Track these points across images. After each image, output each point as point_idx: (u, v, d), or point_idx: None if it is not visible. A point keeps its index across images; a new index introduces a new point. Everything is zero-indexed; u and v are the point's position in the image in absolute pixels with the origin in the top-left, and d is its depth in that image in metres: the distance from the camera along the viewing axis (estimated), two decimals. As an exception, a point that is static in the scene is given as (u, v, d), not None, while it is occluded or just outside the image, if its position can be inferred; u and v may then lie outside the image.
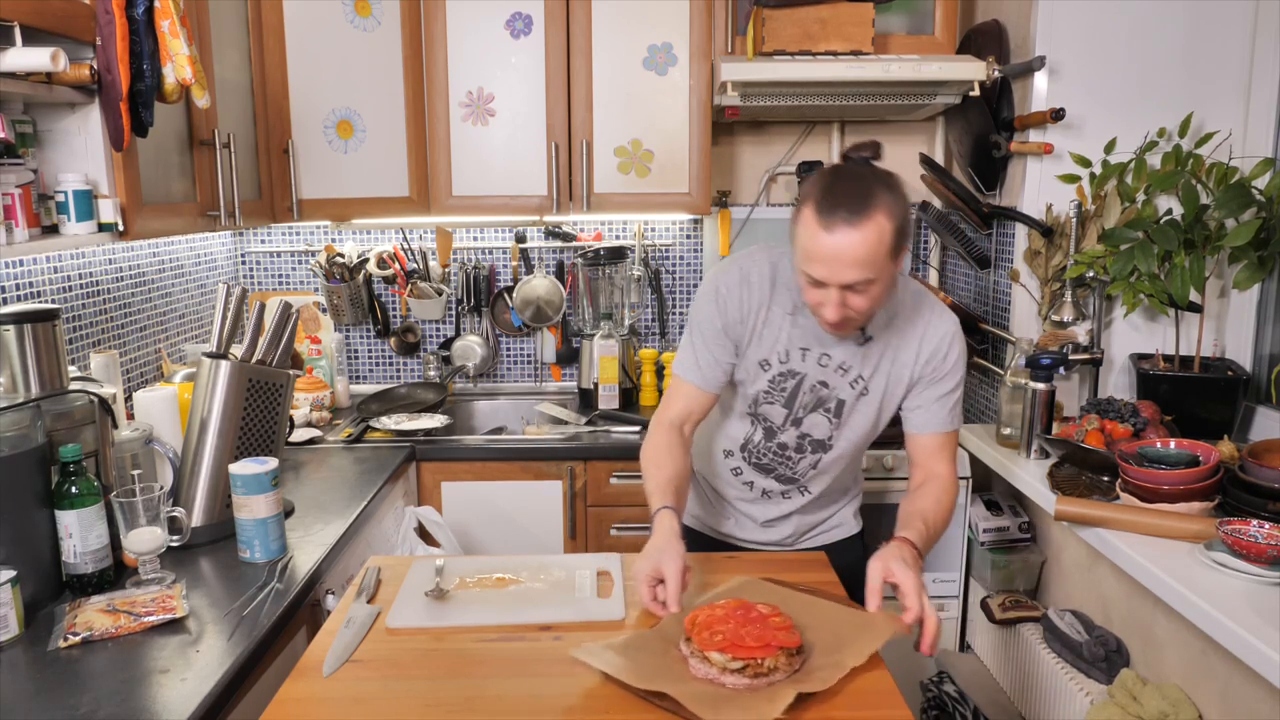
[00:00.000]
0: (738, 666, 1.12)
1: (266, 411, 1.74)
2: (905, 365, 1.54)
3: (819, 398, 1.56)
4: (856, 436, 1.59)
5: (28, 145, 1.62)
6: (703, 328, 1.55)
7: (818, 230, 1.32)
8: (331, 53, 2.46)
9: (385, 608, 1.36)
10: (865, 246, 1.31)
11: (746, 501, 1.69)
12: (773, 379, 1.55)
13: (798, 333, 1.53)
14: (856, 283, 1.34)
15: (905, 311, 1.54)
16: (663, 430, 1.56)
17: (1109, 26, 2.21)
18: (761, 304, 1.53)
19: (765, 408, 1.58)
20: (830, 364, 1.54)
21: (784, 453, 1.61)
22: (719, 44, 2.51)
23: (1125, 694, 1.72)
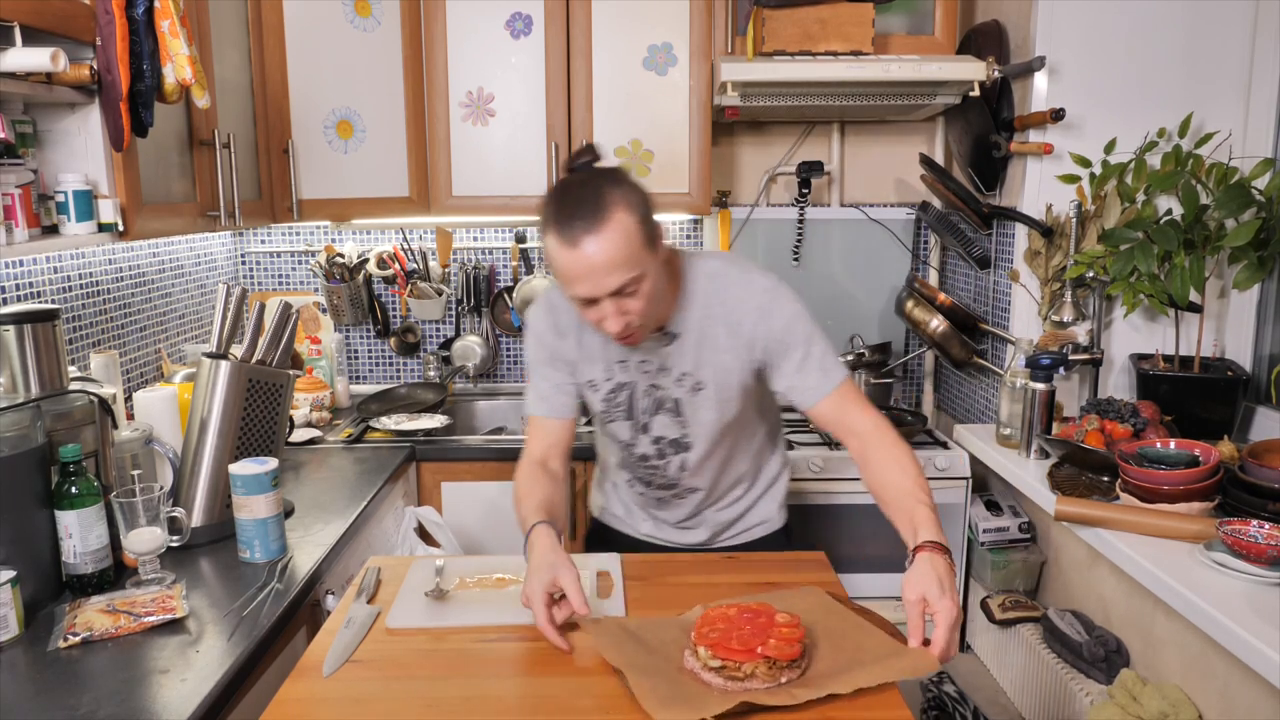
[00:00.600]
0: (716, 665, 1.12)
1: (266, 411, 1.74)
2: (727, 349, 1.48)
3: (656, 400, 1.53)
4: (709, 430, 1.53)
5: (28, 145, 1.62)
6: (533, 363, 1.56)
7: (564, 250, 1.29)
8: (331, 53, 2.46)
9: (385, 608, 1.36)
10: (615, 248, 1.28)
11: (652, 507, 1.68)
12: (605, 396, 1.54)
13: (612, 347, 1.50)
14: (623, 286, 1.30)
15: (708, 297, 1.47)
16: (525, 468, 1.53)
17: (1109, 26, 2.21)
18: (571, 326, 1.52)
19: (611, 426, 1.57)
20: (651, 367, 1.51)
21: (648, 463, 1.59)
22: (719, 44, 2.51)
23: (1125, 694, 1.72)
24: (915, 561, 1.25)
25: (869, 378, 2.79)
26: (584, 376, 1.55)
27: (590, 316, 1.37)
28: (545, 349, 1.55)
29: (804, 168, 2.72)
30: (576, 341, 1.53)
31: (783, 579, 1.45)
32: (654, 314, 1.40)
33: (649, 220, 1.33)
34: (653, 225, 1.35)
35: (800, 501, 2.39)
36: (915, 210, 2.85)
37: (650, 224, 1.34)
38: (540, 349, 1.56)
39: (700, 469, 1.59)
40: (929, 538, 1.28)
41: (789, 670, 1.12)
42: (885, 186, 2.93)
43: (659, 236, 1.36)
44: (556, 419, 1.56)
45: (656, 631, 1.26)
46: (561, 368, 1.55)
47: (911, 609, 1.19)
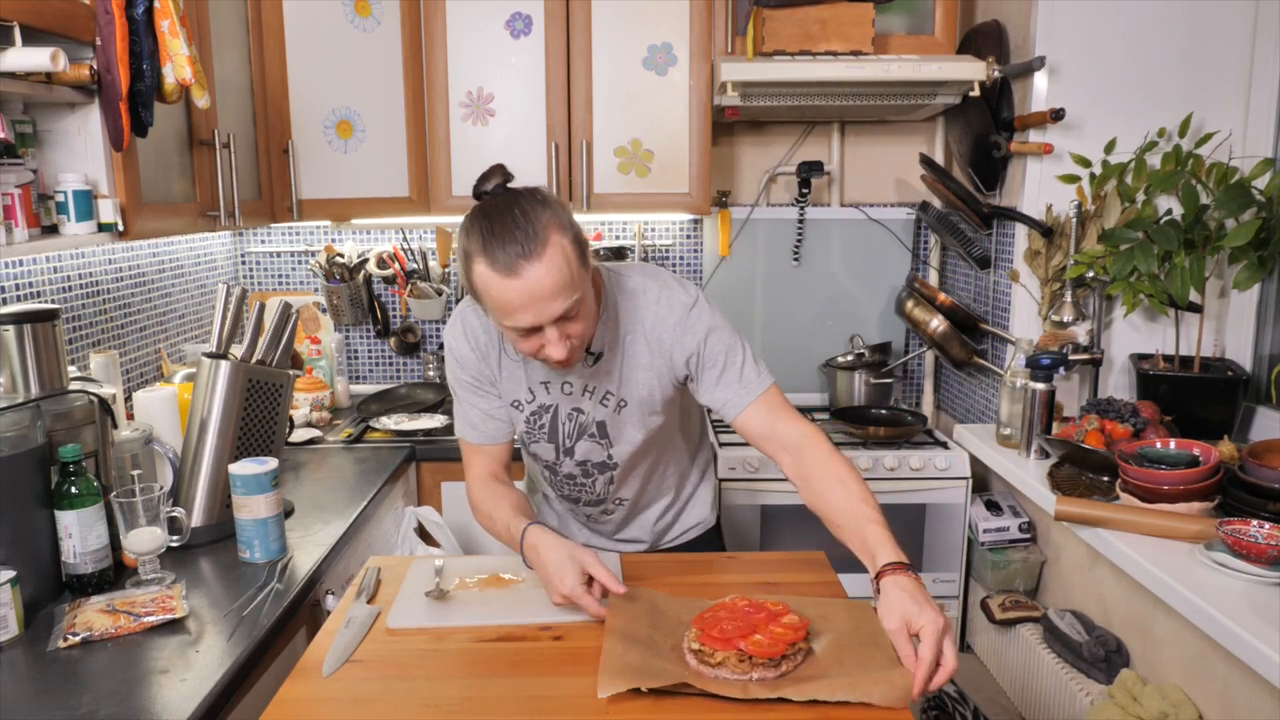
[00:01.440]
0: (695, 648, 1.15)
1: (266, 411, 1.74)
2: (648, 367, 1.45)
3: (579, 425, 1.50)
4: (633, 447, 1.52)
5: (28, 145, 1.62)
6: (458, 388, 1.52)
7: (502, 280, 1.22)
8: (331, 53, 2.46)
9: (385, 608, 1.36)
10: (558, 272, 1.22)
11: (584, 521, 1.69)
12: (528, 419, 1.52)
13: (533, 368, 1.47)
14: (567, 310, 1.26)
15: (628, 314, 1.44)
16: (476, 487, 1.52)
17: (1109, 26, 2.21)
18: (490, 346, 1.48)
19: (535, 447, 1.55)
20: (574, 389, 1.48)
21: (574, 482, 1.58)
22: (719, 44, 2.51)
23: (1125, 694, 1.72)
24: (882, 589, 1.21)
25: (869, 378, 2.79)
26: (507, 398, 1.52)
27: (527, 347, 1.30)
28: (468, 371, 1.50)
29: (804, 168, 2.72)
30: (497, 363, 1.49)
31: (783, 579, 1.45)
32: (590, 335, 1.36)
33: (580, 238, 1.28)
34: (583, 243, 1.30)
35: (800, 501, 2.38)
36: (915, 210, 2.85)
37: (582, 242, 1.29)
38: (462, 372, 1.51)
39: (625, 483, 1.59)
40: (888, 559, 1.23)
41: (764, 668, 1.12)
42: (885, 186, 2.93)
43: (589, 253, 1.32)
44: (491, 444, 1.54)
45: (677, 609, 1.29)
46: (487, 391, 1.51)
47: (897, 637, 1.15)
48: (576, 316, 1.28)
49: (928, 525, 2.41)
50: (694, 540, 1.73)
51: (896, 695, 1.08)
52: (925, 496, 2.40)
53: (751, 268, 2.92)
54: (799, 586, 1.42)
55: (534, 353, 1.31)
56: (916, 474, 2.39)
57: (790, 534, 2.40)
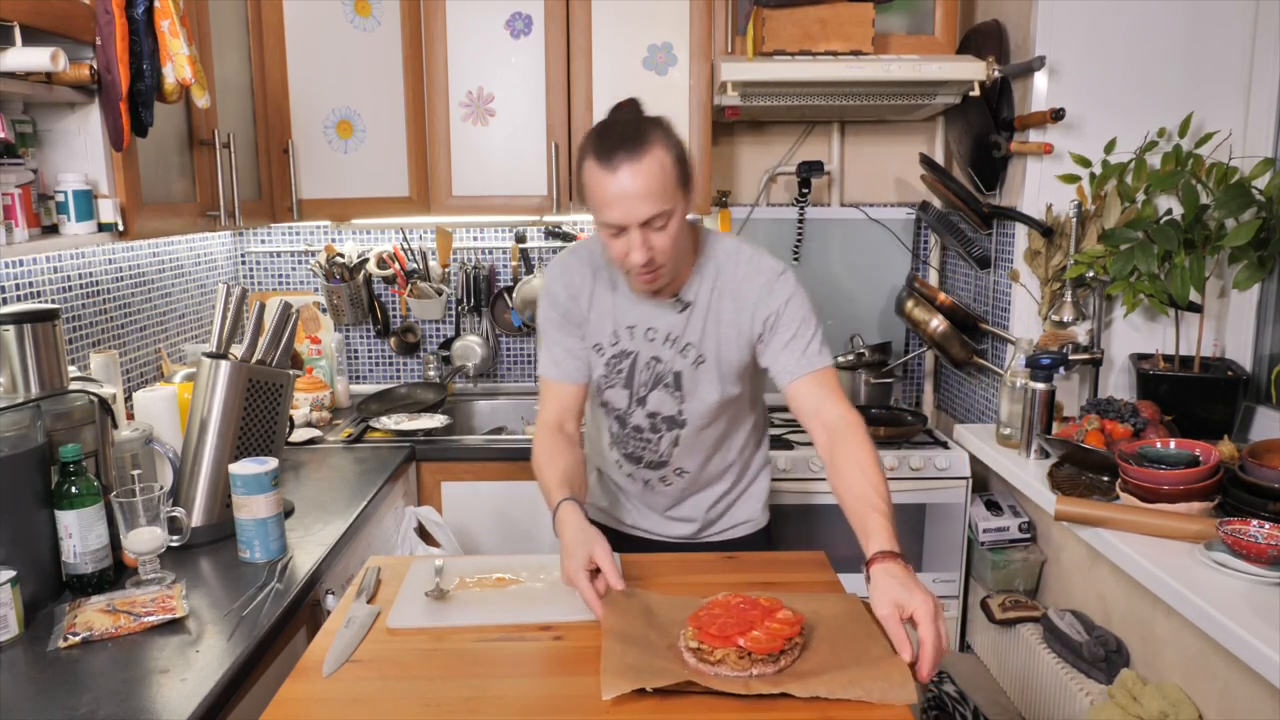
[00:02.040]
0: (694, 646, 1.15)
1: (266, 411, 1.74)
2: (731, 324, 1.52)
3: (656, 374, 1.57)
4: (706, 407, 1.57)
5: (28, 145, 1.62)
6: (546, 326, 1.61)
7: (603, 175, 1.36)
8: (331, 53, 2.46)
9: (385, 608, 1.36)
10: (651, 176, 1.35)
11: (639, 492, 1.70)
12: (608, 362, 1.58)
13: (622, 311, 1.56)
14: (653, 217, 1.37)
15: (723, 271, 1.54)
16: (543, 433, 1.58)
17: (1109, 26, 2.21)
18: (584, 286, 1.57)
19: (608, 393, 1.61)
20: (657, 337, 1.55)
21: (640, 435, 1.62)
22: (719, 44, 2.51)
23: (1125, 694, 1.72)
24: (871, 576, 1.23)
25: (869, 378, 2.79)
26: (590, 340, 1.59)
27: (615, 250, 1.42)
28: (558, 309, 1.59)
29: (804, 168, 2.72)
30: (589, 301, 1.58)
31: (783, 579, 1.45)
32: (675, 261, 1.45)
33: (684, 164, 1.41)
34: (686, 172, 1.42)
35: (800, 501, 2.39)
36: (915, 210, 2.85)
37: (684, 168, 1.41)
38: (553, 309, 1.59)
39: (691, 448, 1.62)
40: (880, 548, 1.25)
41: (763, 664, 1.13)
42: (885, 186, 2.93)
43: (690, 186, 1.43)
44: (569, 384, 1.60)
45: (670, 609, 1.29)
46: (572, 331, 1.59)
47: (889, 622, 1.16)
48: (663, 229, 1.39)
49: (928, 525, 2.41)
50: (742, 539, 1.73)
51: (897, 693, 1.08)
52: (925, 496, 2.40)
53: (751, 268, 2.92)
54: (799, 586, 1.42)
55: (621, 258, 1.42)
56: (916, 474, 2.39)
57: (790, 534, 2.40)
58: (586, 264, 1.58)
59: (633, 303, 1.56)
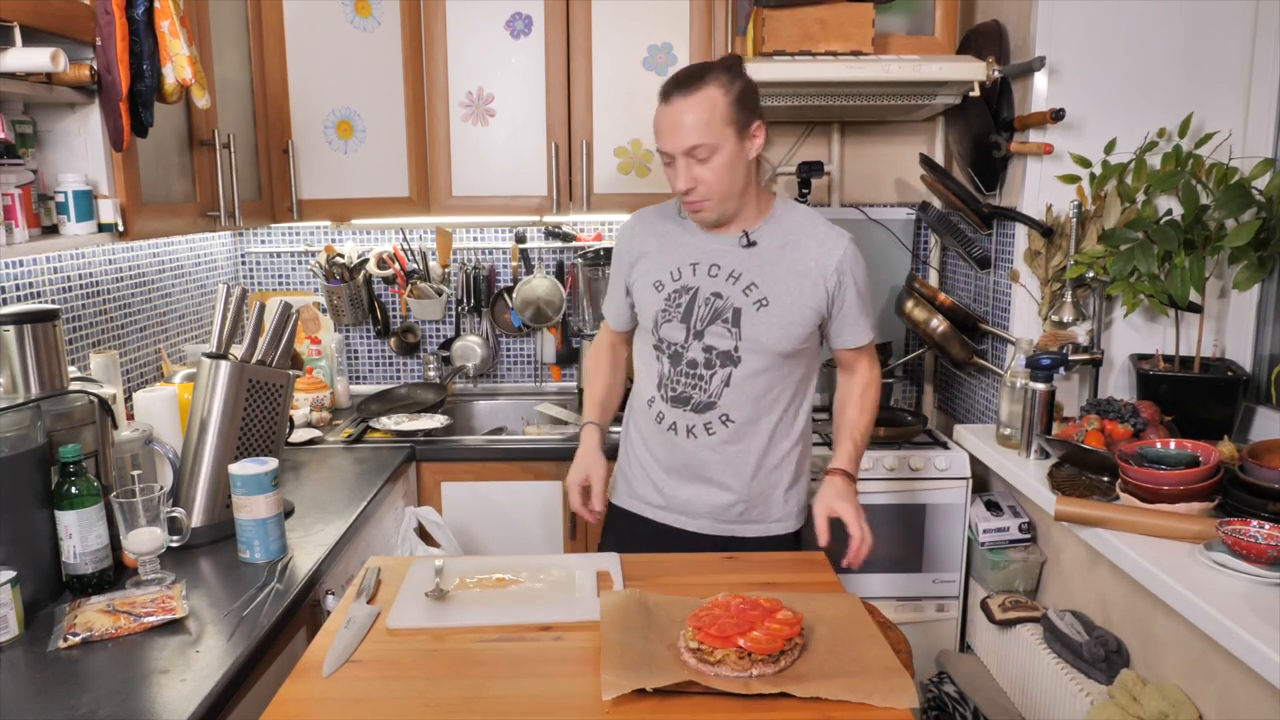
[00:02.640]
0: (694, 646, 1.16)
1: (266, 412, 1.74)
2: (803, 274, 1.64)
3: (715, 309, 1.65)
4: (763, 349, 1.64)
5: (28, 145, 1.62)
6: (613, 276, 1.82)
7: (661, 108, 1.56)
8: (331, 53, 2.46)
9: (385, 608, 1.36)
10: (700, 110, 1.51)
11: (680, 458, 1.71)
12: (668, 297, 1.68)
13: (685, 249, 1.68)
14: (696, 148, 1.53)
15: (801, 228, 1.67)
16: (598, 347, 1.89)
17: (1109, 26, 2.21)
18: (654, 225, 1.74)
19: (665, 328, 1.68)
20: (720, 274, 1.65)
21: (694, 371, 1.67)
22: (719, 44, 2.51)
23: (1125, 694, 1.72)
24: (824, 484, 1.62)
25: (869, 378, 2.79)
26: (652, 276, 1.70)
27: (670, 175, 1.59)
28: (626, 252, 1.76)
29: (804, 168, 2.72)
30: (659, 237, 1.72)
31: (782, 579, 1.46)
32: (722, 195, 1.59)
33: (741, 107, 1.55)
34: (744, 114, 1.56)
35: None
36: (915, 210, 2.85)
37: (741, 111, 1.55)
38: (622, 254, 1.77)
39: (741, 392, 1.65)
40: (837, 465, 1.62)
41: (763, 664, 1.13)
42: (885, 186, 2.93)
43: (749, 129, 1.57)
44: (616, 329, 1.86)
45: (669, 609, 1.30)
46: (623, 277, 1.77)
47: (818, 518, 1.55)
48: (706, 162, 1.54)
49: (928, 525, 2.41)
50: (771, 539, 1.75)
51: (897, 697, 1.08)
52: (925, 496, 2.40)
53: (751, 268, 2.92)
54: (799, 586, 1.42)
55: (671, 184, 1.59)
56: (916, 474, 2.39)
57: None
58: (654, 213, 1.77)
59: (699, 239, 1.68)
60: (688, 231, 1.69)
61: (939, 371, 2.96)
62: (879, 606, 1.87)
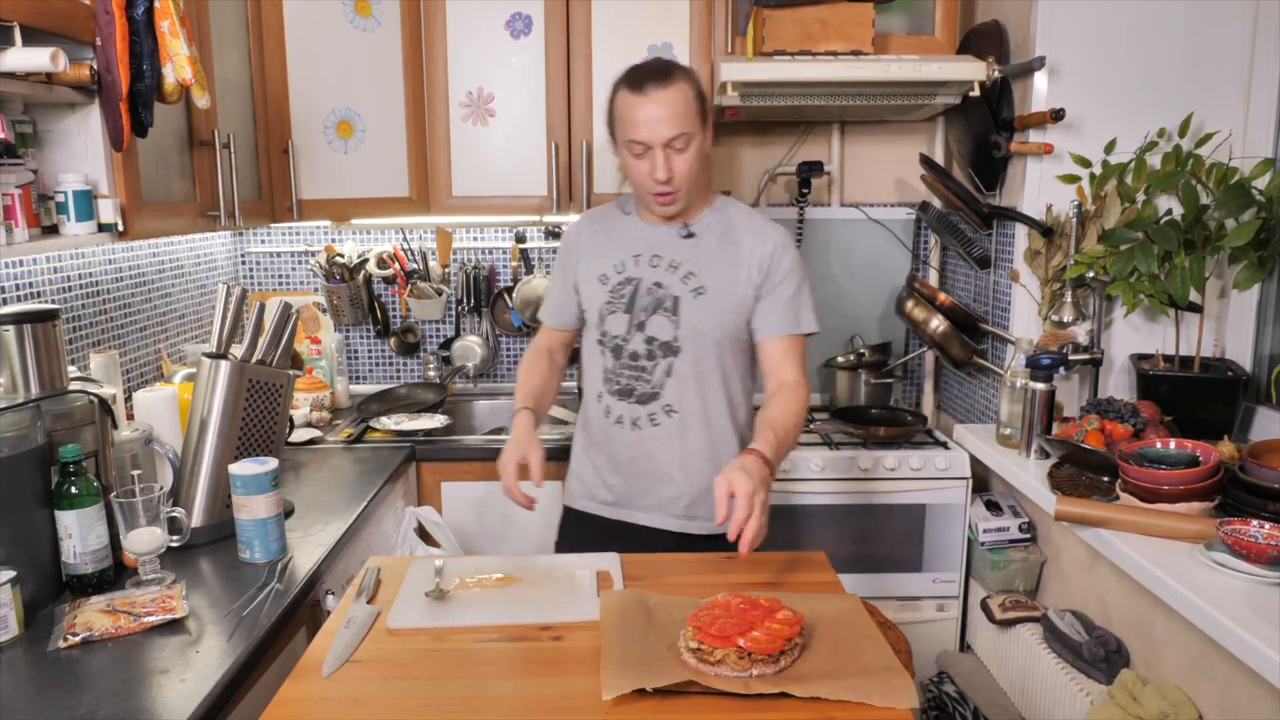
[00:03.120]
0: (694, 646, 1.16)
1: (266, 411, 1.74)
2: (738, 264, 1.68)
3: (656, 299, 1.69)
4: (701, 338, 1.68)
5: (28, 145, 1.62)
6: (555, 274, 1.86)
7: (633, 99, 1.59)
8: (331, 53, 2.46)
9: (385, 608, 1.36)
10: (676, 102, 1.57)
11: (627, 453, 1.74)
12: (612, 289, 1.72)
13: (628, 242, 1.73)
14: (675, 138, 1.58)
15: (736, 221, 1.73)
16: (531, 353, 1.88)
17: (1109, 26, 2.21)
18: (601, 224, 1.79)
19: (609, 320, 1.72)
20: (661, 264, 1.70)
21: (636, 363, 1.71)
22: (719, 44, 2.51)
23: (1125, 694, 1.72)
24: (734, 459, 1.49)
25: (869, 378, 2.79)
26: (594, 273, 1.74)
27: (641, 171, 1.62)
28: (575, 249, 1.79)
29: (804, 168, 2.72)
30: (605, 234, 1.77)
31: (783, 579, 1.45)
32: (691, 188, 1.65)
33: (704, 101, 1.64)
34: (705, 108, 1.64)
35: (800, 501, 2.39)
36: (915, 210, 2.85)
37: (704, 105, 1.63)
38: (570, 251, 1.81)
39: (683, 381, 1.69)
40: (753, 446, 1.51)
41: (763, 664, 1.13)
42: (885, 186, 2.93)
43: (709, 123, 1.65)
44: (555, 328, 1.89)
45: (669, 609, 1.30)
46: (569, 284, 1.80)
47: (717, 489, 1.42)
48: (684, 151, 1.60)
49: (928, 525, 2.41)
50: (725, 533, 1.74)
51: (898, 697, 1.08)
52: (925, 496, 2.40)
53: (751, 268, 2.92)
54: (799, 586, 1.42)
55: (644, 178, 1.62)
56: (916, 474, 2.39)
57: (790, 534, 2.40)
58: (596, 215, 1.82)
59: (641, 232, 1.73)
60: (630, 225, 1.75)
61: (939, 371, 2.96)
62: (879, 606, 1.87)
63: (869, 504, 2.39)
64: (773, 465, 1.49)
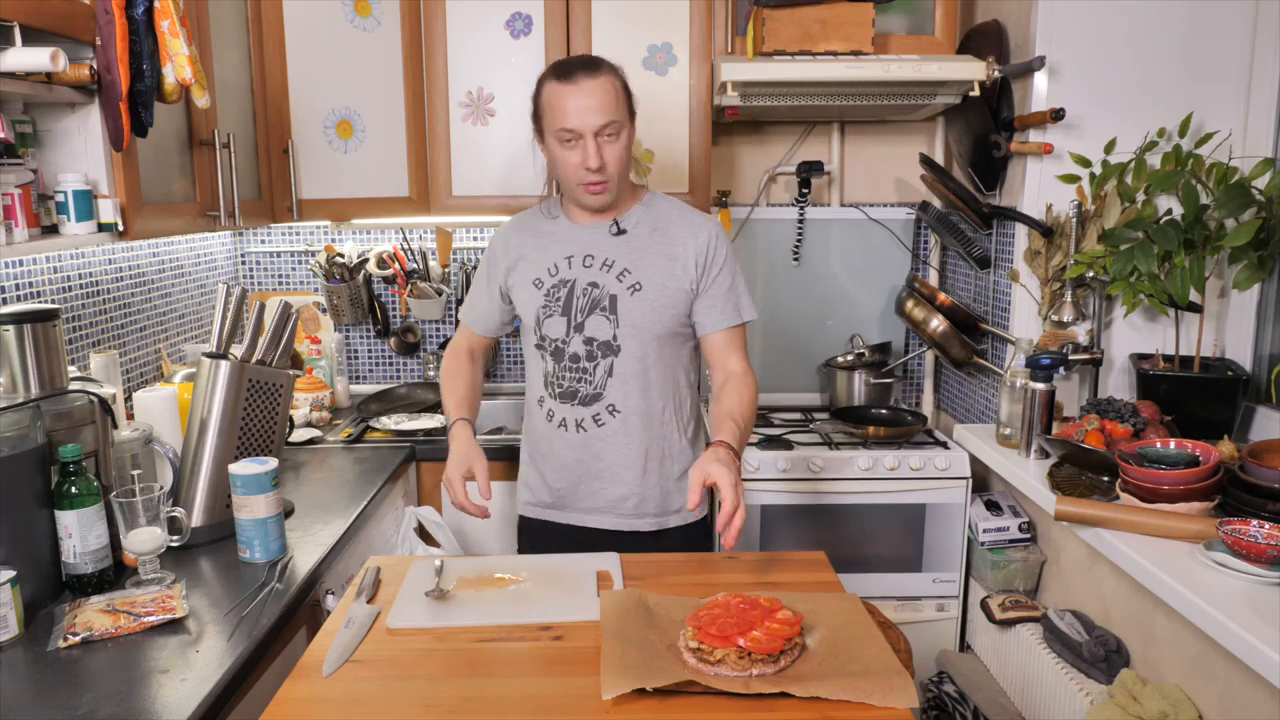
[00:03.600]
0: (694, 646, 1.16)
1: (266, 411, 1.74)
2: (671, 257, 1.69)
3: (593, 299, 1.69)
4: (641, 335, 1.68)
5: (28, 145, 1.62)
6: (479, 278, 1.85)
7: (562, 88, 1.60)
8: (331, 53, 2.46)
9: (385, 608, 1.36)
10: (606, 92, 1.59)
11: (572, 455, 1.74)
12: (547, 293, 1.72)
13: (560, 244, 1.73)
14: (606, 126, 1.59)
15: (668, 215, 1.74)
16: (451, 356, 1.87)
17: (1109, 26, 2.21)
18: (531, 228, 1.78)
19: (547, 324, 1.72)
20: (594, 263, 1.70)
21: (577, 365, 1.69)
22: (719, 44, 2.51)
23: (1125, 694, 1.72)
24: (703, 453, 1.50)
25: (869, 378, 2.79)
26: (528, 277, 1.74)
27: (571, 161, 1.62)
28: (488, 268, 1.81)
29: (804, 168, 2.72)
30: (535, 237, 1.76)
31: (783, 579, 1.45)
32: (620, 177, 1.66)
33: (630, 95, 1.67)
34: (631, 103, 1.67)
35: (800, 501, 2.39)
36: (915, 210, 2.85)
37: (630, 98, 1.66)
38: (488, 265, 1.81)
39: (625, 380, 1.69)
40: (720, 438, 1.54)
41: (763, 664, 1.13)
42: (885, 186, 2.93)
43: (633, 119, 1.68)
44: (482, 335, 1.90)
45: (669, 609, 1.30)
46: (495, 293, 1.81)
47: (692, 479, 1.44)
48: (614, 140, 1.61)
49: (928, 525, 2.41)
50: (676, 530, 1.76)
51: (898, 697, 1.08)
52: (925, 496, 2.40)
53: (751, 268, 2.92)
54: (798, 586, 1.42)
55: (574, 168, 1.62)
56: (916, 474, 2.39)
57: (790, 534, 2.40)
58: (521, 221, 1.81)
59: (571, 233, 1.73)
60: (559, 228, 1.75)
61: (939, 371, 2.96)
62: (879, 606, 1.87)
63: (869, 504, 2.39)
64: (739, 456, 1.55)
